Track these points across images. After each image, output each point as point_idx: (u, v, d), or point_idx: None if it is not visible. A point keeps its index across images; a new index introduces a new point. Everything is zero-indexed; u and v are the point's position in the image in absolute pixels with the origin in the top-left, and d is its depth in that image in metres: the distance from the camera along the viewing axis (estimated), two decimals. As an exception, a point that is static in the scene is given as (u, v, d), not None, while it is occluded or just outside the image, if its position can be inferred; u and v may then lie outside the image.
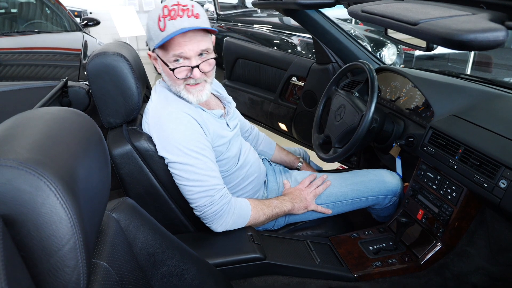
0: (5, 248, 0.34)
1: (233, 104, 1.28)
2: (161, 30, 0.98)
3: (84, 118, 0.53)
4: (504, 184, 0.92)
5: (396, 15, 0.58)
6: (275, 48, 3.26)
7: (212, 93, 1.23)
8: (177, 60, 1.01)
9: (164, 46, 0.99)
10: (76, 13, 6.07)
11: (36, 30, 3.16)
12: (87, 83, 1.48)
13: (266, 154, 1.51)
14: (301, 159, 1.55)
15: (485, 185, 0.97)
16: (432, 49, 0.90)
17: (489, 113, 1.13)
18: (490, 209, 1.07)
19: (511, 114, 1.12)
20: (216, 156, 1.12)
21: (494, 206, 0.95)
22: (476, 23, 0.48)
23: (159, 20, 0.97)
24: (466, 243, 1.13)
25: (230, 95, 1.31)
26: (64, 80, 1.49)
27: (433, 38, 0.50)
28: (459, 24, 0.48)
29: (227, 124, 1.18)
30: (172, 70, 1.02)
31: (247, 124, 1.51)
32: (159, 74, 1.11)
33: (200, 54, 1.02)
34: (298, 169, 1.52)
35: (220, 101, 1.26)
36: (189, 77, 1.04)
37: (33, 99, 1.23)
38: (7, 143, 0.41)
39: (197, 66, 1.02)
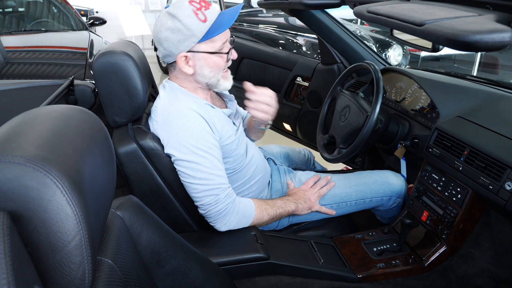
0: (13, 244, 0.34)
1: (235, 102, 1.29)
2: (203, 21, 0.99)
3: (91, 116, 0.54)
4: (509, 187, 0.91)
5: (402, 15, 0.58)
6: (280, 48, 3.26)
7: (215, 93, 1.24)
8: (222, 46, 1.05)
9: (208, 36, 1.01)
10: (82, 12, 6.11)
11: (43, 29, 3.19)
12: (93, 81, 1.49)
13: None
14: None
15: (491, 187, 0.96)
16: (437, 50, 0.89)
17: (495, 115, 1.13)
18: (495, 212, 1.07)
19: (518, 116, 1.11)
20: (225, 154, 1.12)
21: (500, 209, 0.95)
22: (482, 24, 0.48)
23: (196, 14, 0.98)
24: (471, 245, 1.12)
25: (235, 94, 1.31)
26: (70, 78, 1.50)
27: (438, 39, 0.50)
28: (465, 25, 0.48)
29: (234, 123, 1.18)
30: (227, 53, 1.06)
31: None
32: (165, 73, 1.12)
33: None
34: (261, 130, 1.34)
35: (223, 100, 1.26)
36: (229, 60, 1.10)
37: (39, 97, 1.24)
38: (15, 140, 0.41)
39: (232, 47, 1.09)
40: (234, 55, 1.10)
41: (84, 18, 3.73)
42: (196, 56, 1.04)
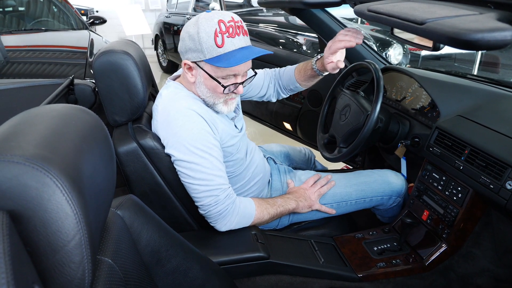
0: (12, 243, 0.34)
1: (240, 107, 1.28)
2: (218, 46, 0.96)
3: (90, 115, 0.54)
4: (510, 186, 0.91)
5: (403, 14, 0.58)
6: (281, 47, 3.26)
7: None
8: (226, 77, 1.02)
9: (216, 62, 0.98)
10: (82, 12, 6.11)
11: (43, 28, 3.19)
12: (93, 81, 1.49)
13: (296, 89, 1.40)
14: (316, 59, 1.31)
15: (491, 186, 0.96)
16: (438, 49, 0.89)
17: (496, 114, 1.12)
18: (495, 211, 1.06)
19: (518, 115, 1.11)
20: (225, 157, 1.12)
21: (500, 208, 0.95)
22: (484, 23, 0.48)
23: (216, 35, 0.95)
24: (471, 244, 1.12)
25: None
26: (71, 78, 1.50)
27: (440, 38, 0.50)
28: (466, 24, 0.48)
29: (235, 126, 1.18)
30: (225, 87, 1.03)
31: (266, 80, 1.39)
32: (165, 73, 1.12)
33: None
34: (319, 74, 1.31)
35: None
36: (232, 92, 1.06)
37: (39, 97, 1.24)
38: (14, 139, 0.41)
39: (242, 83, 1.05)
40: (239, 90, 1.06)
41: (84, 18, 3.73)
42: (198, 70, 1.04)
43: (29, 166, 0.38)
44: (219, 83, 1.02)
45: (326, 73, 1.30)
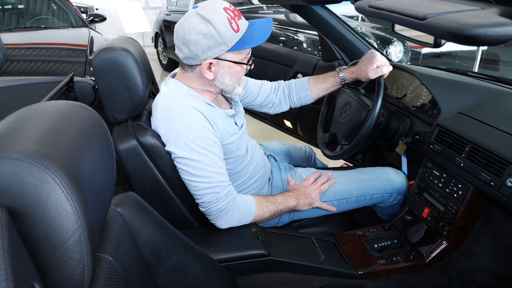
0: (11, 240, 0.34)
1: (240, 104, 1.28)
2: (236, 32, 0.99)
3: (90, 112, 0.53)
4: (511, 183, 0.91)
5: (404, 10, 0.57)
6: (281, 45, 3.25)
7: (222, 94, 1.23)
8: (246, 56, 1.07)
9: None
10: (82, 9, 6.09)
11: (42, 26, 3.18)
12: (93, 78, 1.48)
13: (306, 98, 1.43)
14: (339, 69, 1.38)
15: (492, 183, 0.96)
16: (439, 45, 0.88)
17: (497, 111, 1.12)
18: (496, 208, 1.06)
19: (520, 112, 1.10)
20: (226, 154, 1.12)
21: (501, 205, 0.94)
22: (486, 18, 0.47)
23: (230, 22, 0.98)
24: (472, 241, 1.12)
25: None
26: (70, 75, 1.50)
27: (441, 33, 0.50)
28: (468, 19, 0.47)
29: (236, 123, 1.18)
30: (250, 65, 1.09)
31: (267, 86, 1.42)
32: (165, 70, 1.12)
33: None
34: (343, 82, 1.37)
35: (228, 101, 1.26)
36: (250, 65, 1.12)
37: (39, 94, 1.24)
38: (13, 135, 0.41)
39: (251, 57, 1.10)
40: (253, 65, 1.12)
41: (84, 15, 3.72)
42: (220, 64, 1.04)
43: (28, 162, 0.38)
44: (244, 64, 1.07)
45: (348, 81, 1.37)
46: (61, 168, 0.40)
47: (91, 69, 1.51)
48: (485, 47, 5.37)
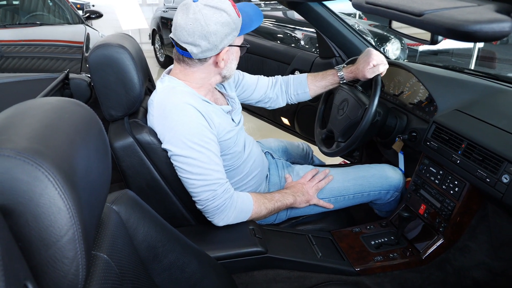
0: (3, 239, 0.34)
1: (237, 100, 1.28)
2: (239, 16, 1.03)
3: (84, 108, 0.53)
4: (506, 179, 0.91)
5: (401, 6, 0.57)
6: (279, 42, 3.24)
7: (218, 90, 1.23)
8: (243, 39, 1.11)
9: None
10: (78, 6, 6.05)
11: (38, 22, 3.15)
12: (89, 75, 1.47)
13: (304, 95, 1.43)
14: (339, 68, 1.38)
15: (488, 180, 0.96)
16: (436, 42, 0.88)
17: (493, 108, 1.12)
18: (492, 204, 1.07)
19: (516, 109, 1.11)
20: (223, 151, 1.11)
21: (497, 201, 0.95)
22: (482, 14, 0.47)
23: (234, 8, 1.01)
24: (468, 238, 1.12)
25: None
26: (66, 72, 1.49)
27: (438, 29, 0.49)
28: (464, 15, 0.47)
29: (233, 120, 1.17)
30: (247, 46, 1.12)
31: (264, 82, 1.41)
32: (163, 68, 1.11)
33: None
34: (342, 81, 1.37)
35: (224, 97, 1.25)
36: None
37: (34, 91, 1.23)
38: (5, 132, 0.40)
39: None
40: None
41: (80, 12, 3.69)
42: (231, 50, 1.06)
43: (20, 159, 0.37)
44: (246, 46, 1.11)
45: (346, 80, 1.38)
46: (54, 165, 0.39)
47: (87, 66, 1.50)
48: (481, 45, 5.39)
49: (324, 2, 1.58)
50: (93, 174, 0.49)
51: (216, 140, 1.06)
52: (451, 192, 1.11)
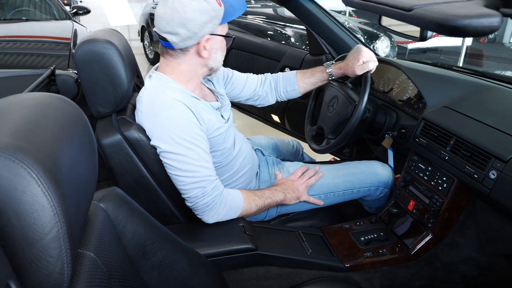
0: (-17, 237, 0.33)
1: (227, 97, 1.27)
2: (220, 5, 1.02)
3: (69, 104, 0.51)
4: (494, 175, 0.92)
5: (391, 1, 0.57)
6: (269, 39, 3.23)
7: (207, 87, 1.22)
8: (228, 29, 1.10)
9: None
10: (66, 1, 5.94)
11: (24, 18, 3.09)
12: (76, 71, 1.45)
13: (293, 92, 1.42)
14: (327, 64, 1.39)
15: (476, 176, 0.97)
16: (425, 38, 0.89)
17: (481, 105, 1.14)
18: (480, 200, 1.08)
19: (502, 106, 1.12)
20: (213, 147, 1.10)
21: (484, 197, 0.96)
22: (471, 9, 0.47)
23: None
24: (456, 233, 1.14)
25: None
26: (52, 68, 1.46)
27: (427, 24, 0.50)
28: (454, 10, 0.47)
29: (222, 116, 1.17)
30: (233, 36, 1.10)
31: (253, 79, 1.41)
32: (152, 65, 1.10)
33: None
34: (331, 77, 1.38)
35: (213, 93, 1.24)
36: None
37: (19, 88, 1.20)
38: None
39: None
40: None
41: (67, 8, 3.63)
42: (213, 39, 1.05)
43: (2, 156, 0.36)
44: (230, 36, 1.09)
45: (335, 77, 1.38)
46: (37, 162, 0.38)
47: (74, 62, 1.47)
48: (469, 43, 5.46)
49: (314, -1, 1.58)
50: (78, 171, 0.47)
51: (205, 136, 1.05)
52: (440, 188, 1.12)
